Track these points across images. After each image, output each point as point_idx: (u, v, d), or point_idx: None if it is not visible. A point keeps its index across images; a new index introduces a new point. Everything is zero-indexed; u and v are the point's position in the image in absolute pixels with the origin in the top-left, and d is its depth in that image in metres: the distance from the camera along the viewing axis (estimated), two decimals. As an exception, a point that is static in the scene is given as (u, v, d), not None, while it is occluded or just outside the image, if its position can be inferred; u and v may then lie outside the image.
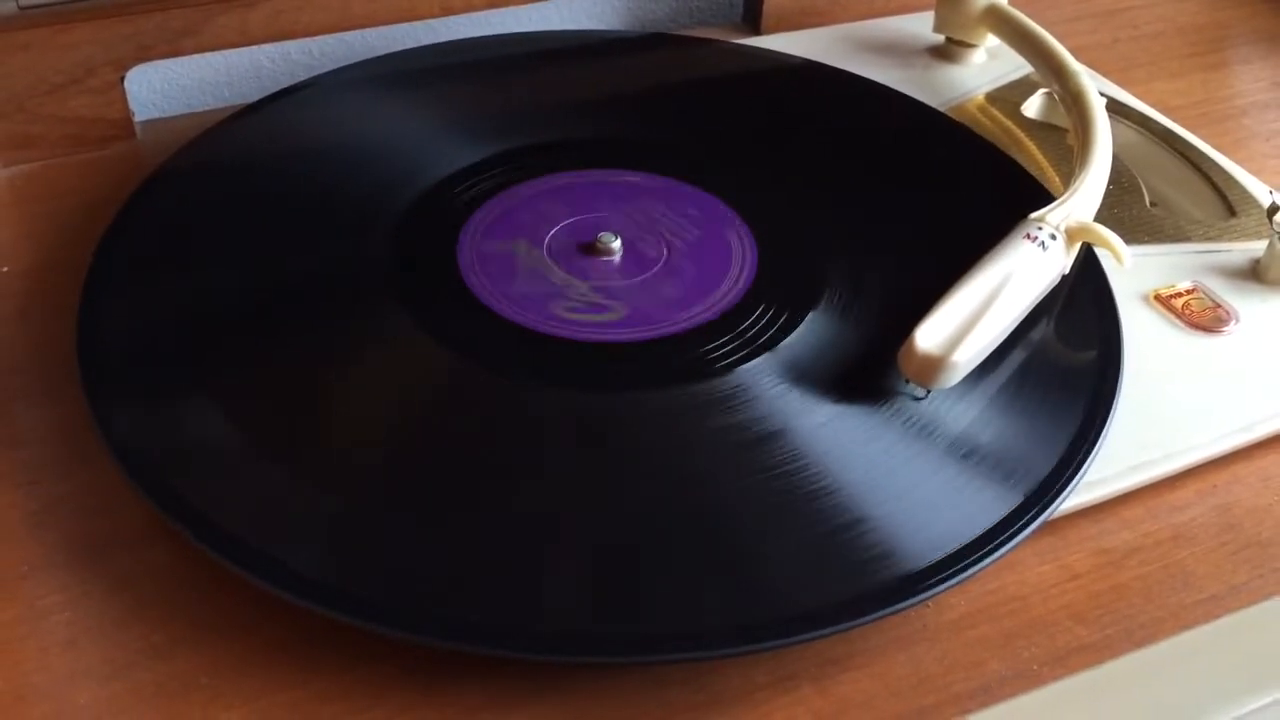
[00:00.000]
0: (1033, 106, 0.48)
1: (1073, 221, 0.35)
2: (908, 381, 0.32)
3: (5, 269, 0.39)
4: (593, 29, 0.57)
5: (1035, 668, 0.28)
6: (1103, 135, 0.40)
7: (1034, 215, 0.35)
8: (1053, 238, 0.34)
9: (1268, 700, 0.27)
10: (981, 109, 0.48)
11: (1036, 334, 0.35)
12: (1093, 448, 0.31)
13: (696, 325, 0.34)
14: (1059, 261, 0.35)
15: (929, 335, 0.31)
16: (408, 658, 0.28)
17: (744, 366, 0.33)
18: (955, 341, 0.31)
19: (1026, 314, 0.34)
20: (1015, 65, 0.49)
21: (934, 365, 0.31)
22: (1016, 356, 0.34)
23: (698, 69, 0.47)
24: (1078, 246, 0.36)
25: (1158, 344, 0.36)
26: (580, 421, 0.32)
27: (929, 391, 0.32)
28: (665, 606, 0.28)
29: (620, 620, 0.27)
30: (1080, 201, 0.36)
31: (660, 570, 0.28)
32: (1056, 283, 0.35)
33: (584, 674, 0.28)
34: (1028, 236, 0.34)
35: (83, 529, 0.31)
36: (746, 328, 0.34)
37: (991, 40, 0.50)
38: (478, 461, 0.30)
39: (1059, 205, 0.36)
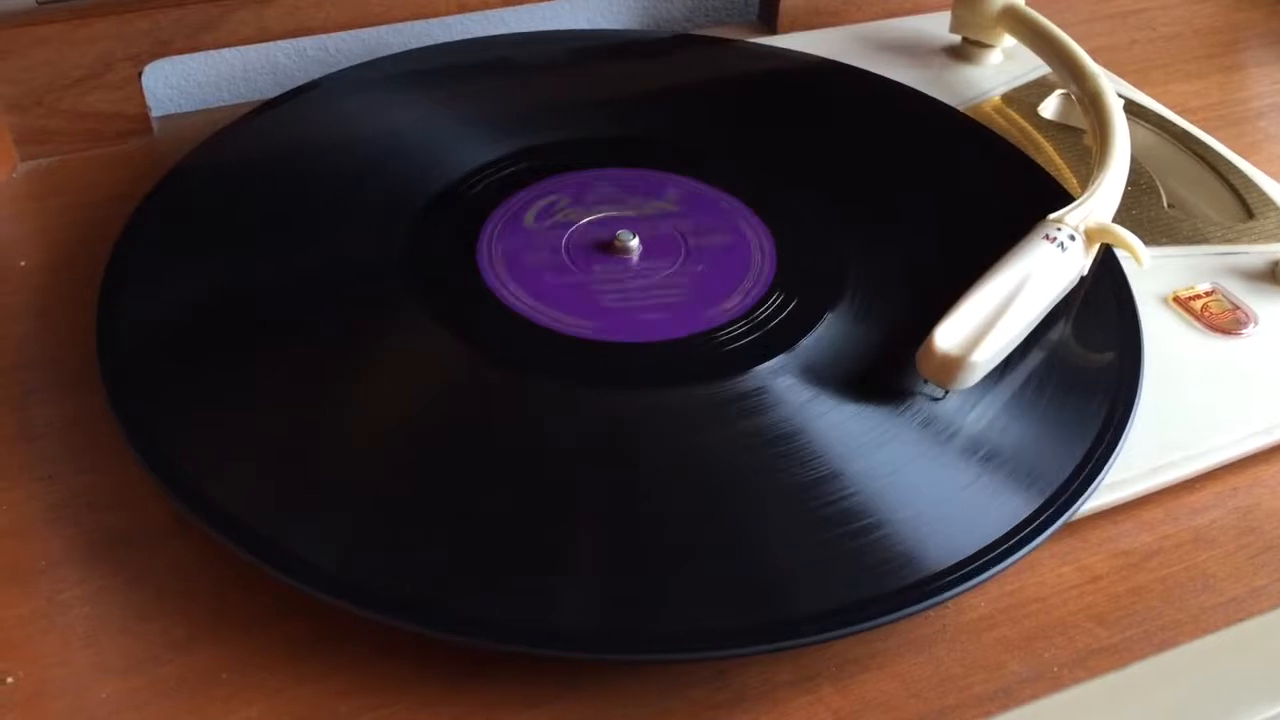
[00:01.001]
0: (1050, 107, 0.48)
1: (1092, 222, 0.35)
2: (926, 381, 0.32)
3: (23, 263, 0.39)
4: (608, 28, 0.57)
5: (1056, 669, 0.28)
6: (1121, 136, 0.40)
7: (1053, 216, 0.35)
8: (1072, 238, 0.34)
9: (1291, 704, 0.27)
10: (998, 109, 0.48)
11: (1056, 335, 0.35)
12: (1113, 450, 0.31)
13: (715, 324, 0.34)
14: (1078, 262, 0.35)
15: (948, 335, 0.31)
16: (427, 654, 0.28)
17: (763, 366, 0.33)
18: (974, 342, 0.31)
19: (1045, 315, 0.34)
20: (1032, 66, 0.49)
21: (953, 365, 0.31)
22: (1036, 357, 0.34)
23: (713, 68, 0.47)
24: (1097, 247, 0.36)
25: (1177, 345, 0.36)
26: (600, 420, 0.32)
27: (947, 392, 0.32)
28: (685, 605, 0.28)
29: (641, 618, 0.27)
30: (1099, 202, 0.36)
31: (681, 569, 0.28)
32: (1075, 283, 0.35)
33: (604, 671, 0.28)
34: (1047, 237, 0.34)
35: (102, 523, 0.31)
36: (765, 327, 0.34)
37: (1008, 41, 0.50)
38: (498, 458, 0.30)
39: (1078, 206, 0.36)
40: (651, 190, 0.40)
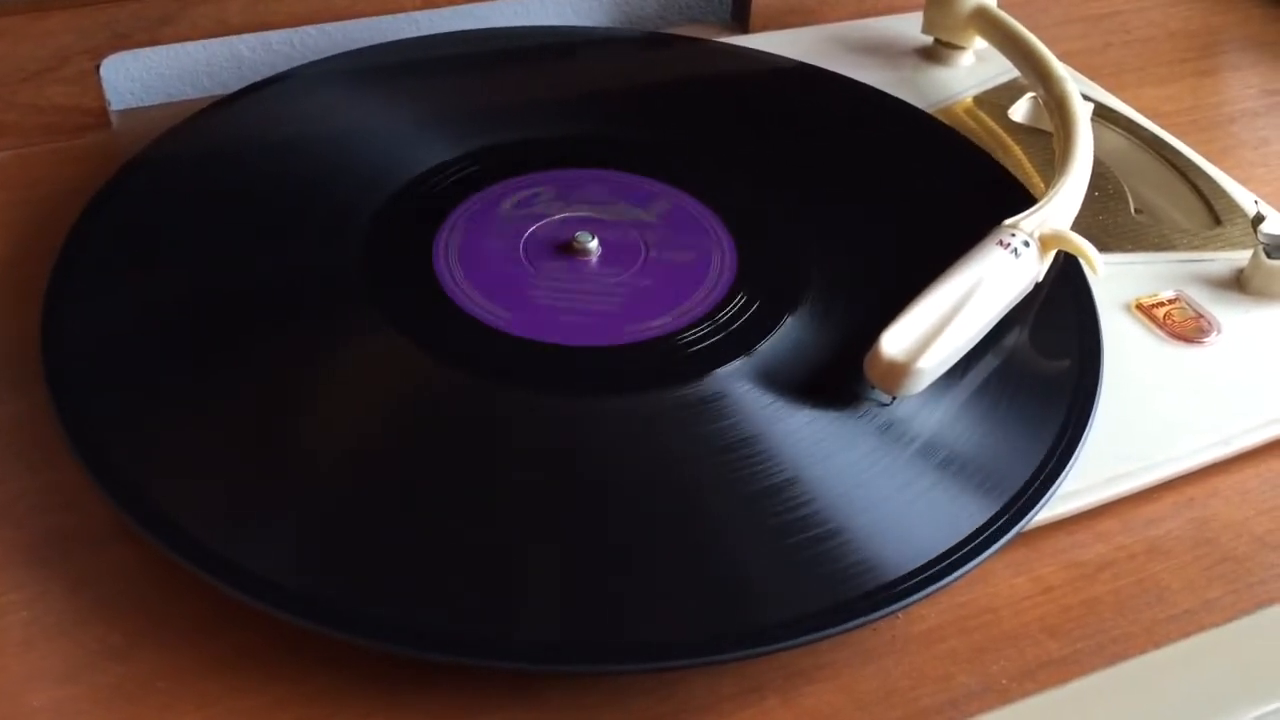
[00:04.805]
0: (1020, 110, 0.48)
1: (1047, 229, 0.35)
2: (873, 387, 0.32)
3: (-25, 259, 0.39)
4: (579, 25, 0.56)
5: (1004, 682, 0.28)
6: (1084, 142, 0.39)
7: (1008, 222, 0.35)
8: (1026, 245, 0.34)
9: (1236, 722, 0.27)
10: (969, 112, 0.47)
11: (1016, 341, 0.34)
12: (1069, 459, 0.31)
13: (673, 328, 0.34)
14: (1032, 269, 0.34)
15: (895, 341, 0.31)
16: (371, 664, 0.27)
17: (720, 370, 0.32)
18: (921, 348, 0.31)
19: (998, 321, 0.33)
20: (1003, 68, 0.49)
21: (898, 372, 0.31)
22: (994, 364, 0.34)
23: (684, 68, 0.47)
24: (1052, 254, 0.35)
25: (1138, 354, 0.36)
26: (554, 426, 0.31)
27: (894, 398, 0.32)
28: (632, 615, 0.27)
29: (587, 629, 0.27)
30: (1056, 209, 0.36)
31: (628, 578, 0.28)
32: (1029, 290, 0.35)
33: (548, 682, 0.27)
34: (1000, 243, 0.34)
35: (45, 525, 0.30)
36: (724, 330, 0.34)
37: (980, 43, 0.50)
38: (447, 466, 0.30)
39: (1034, 212, 0.35)
40: (612, 191, 0.39)
